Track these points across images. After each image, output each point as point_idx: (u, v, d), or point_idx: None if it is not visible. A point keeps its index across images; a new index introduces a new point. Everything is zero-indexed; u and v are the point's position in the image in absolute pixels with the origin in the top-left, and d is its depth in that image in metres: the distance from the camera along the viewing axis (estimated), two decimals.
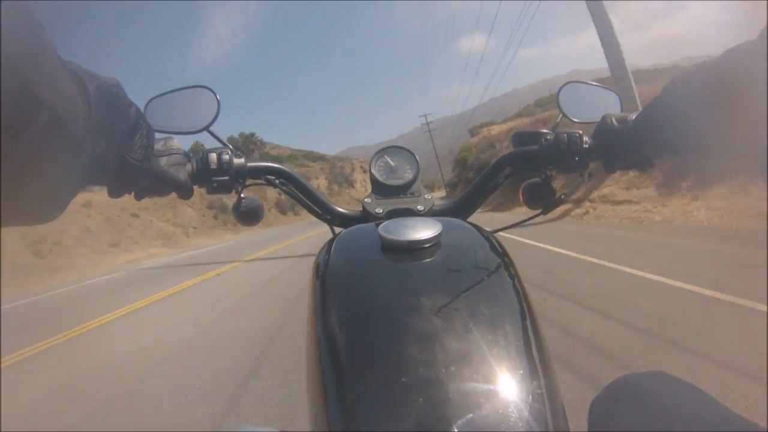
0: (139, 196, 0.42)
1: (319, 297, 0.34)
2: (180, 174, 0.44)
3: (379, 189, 0.54)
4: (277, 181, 0.54)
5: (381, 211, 0.51)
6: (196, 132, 0.51)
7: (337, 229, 0.49)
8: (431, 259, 0.34)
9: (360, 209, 0.54)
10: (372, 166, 0.56)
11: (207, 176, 0.48)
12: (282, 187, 0.55)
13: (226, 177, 0.48)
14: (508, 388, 0.24)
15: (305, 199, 0.56)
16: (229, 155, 0.49)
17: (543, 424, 0.23)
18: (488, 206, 13.17)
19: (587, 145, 0.50)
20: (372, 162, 0.56)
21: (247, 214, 0.53)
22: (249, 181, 0.52)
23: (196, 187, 0.48)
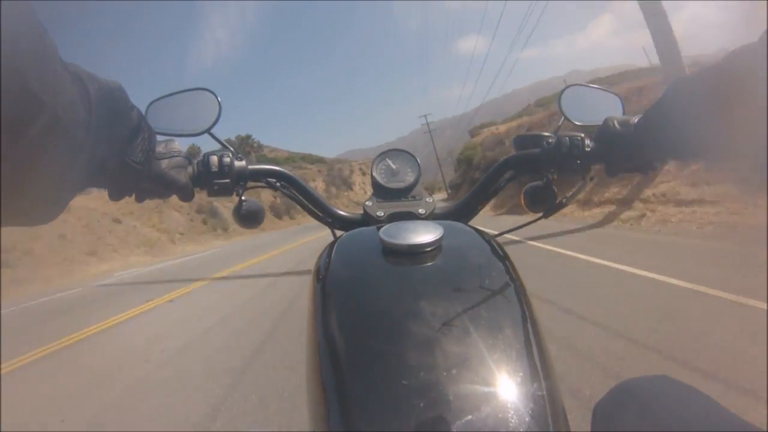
0: (140, 199, 0.43)
1: (320, 300, 0.34)
2: (181, 176, 0.45)
3: (381, 192, 0.54)
4: (278, 184, 0.55)
5: (382, 215, 0.51)
6: (198, 134, 0.51)
7: (338, 232, 0.50)
8: (432, 263, 0.34)
9: (361, 212, 0.54)
10: (373, 169, 0.56)
11: (208, 179, 0.48)
12: (283, 190, 0.55)
13: (227, 179, 0.49)
14: (509, 392, 0.24)
15: (306, 202, 0.56)
16: (230, 158, 0.49)
17: (544, 428, 0.23)
18: (502, 209, 12.02)
19: (589, 148, 0.51)
20: (373, 165, 0.57)
21: (248, 217, 0.53)
22: (250, 184, 0.53)
23: (197, 190, 0.48)
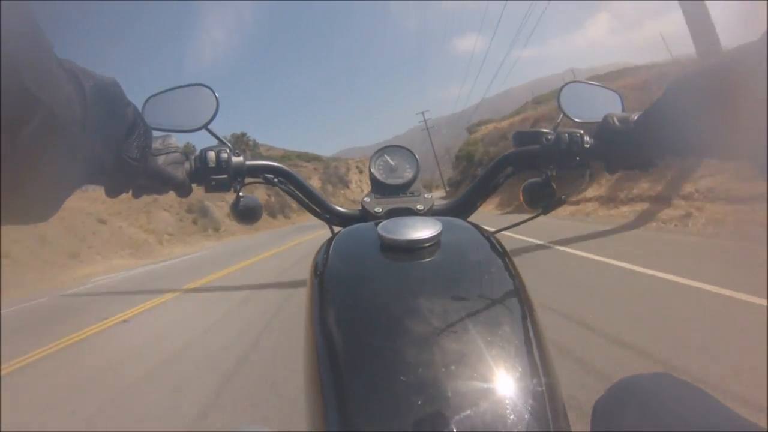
0: (137, 195, 0.42)
1: (317, 296, 0.34)
2: (178, 172, 0.44)
3: (379, 188, 0.54)
4: (276, 180, 0.54)
5: (380, 211, 0.51)
6: (195, 130, 0.51)
7: (336, 229, 0.49)
8: (431, 259, 0.34)
9: (359, 208, 0.54)
10: (372, 166, 0.56)
11: (205, 174, 0.48)
12: (281, 186, 0.54)
13: (225, 175, 0.48)
14: (508, 388, 0.24)
15: (304, 198, 0.56)
16: (228, 153, 0.49)
17: (543, 424, 0.23)
18: (509, 207, 11.39)
19: (588, 145, 0.51)
20: (372, 161, 0.56)
21: (246, 213, 0.53)
22: (247, 180, 0.52)
23: (194, 186, 0.48)
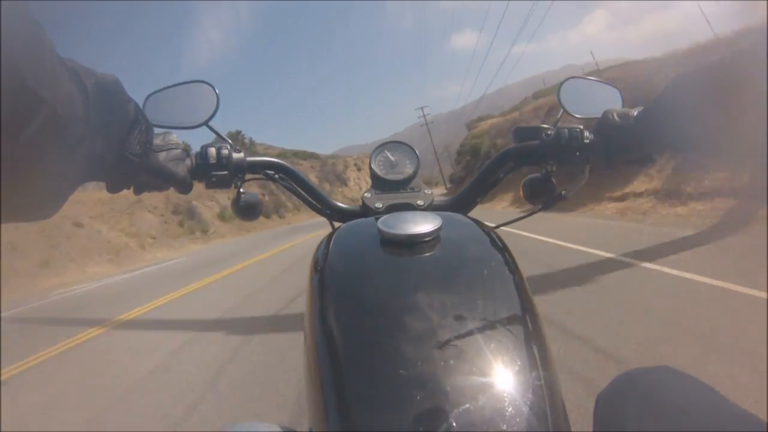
0: (138, 192, 0.42)
1: (318, 292, 0.34)
2: (179, 169, 0.44)
3: (379, 184, 0.54)
4: (277, 176, 0.54)
5: (381, 206, 0.51)
6: (196, 127, 0.51)
7: (337, 224, 0.50)
8: (431, 254, 0.34)
9: (359, 204, 0.54)
10: (372, 161, 0.56)
11: (206, 171, 0.48)
12: (281, 182, 0.55)
13: (225, 172, 0.49)
14: (508, 385, 0.24)
15: (305, 195, 0.56)
16: (228, 150, 0.49)
17: (543, 421, 0.23)
18: (522, 205, 10.45)
19: (588, 141, 0.51)
20: (372, 157, 0.56)
21: (246, 210, 0.53)
22: (248, 176, 0.53)
23: (195, 183, 0.49)
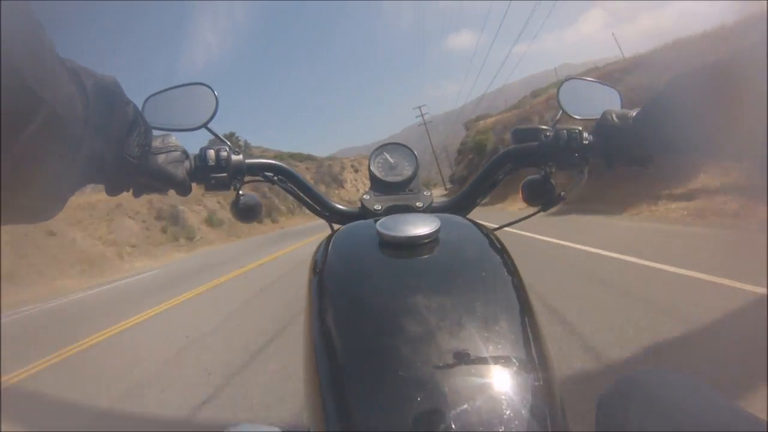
0: (137, 194, 0.43)
1: (316, 294, 0.34)
2: (178, 171, 0.45)
3: (378, 186, 0.54)
4: (276, 178, 0.54)
5: (380, 208, 0.51)
6: (195, 129, 0.51)
7: (336, 226, 0.50)
8: (429, 256, 0.34)
9: (359, 206, 0.54)
10: (371, 163, 0.56)
11: (205, 173, 0.48)
12: (280, 184, 0.55)
13: (224, 174, 0.49)
14: (507, 385, 0.24)
15: (304, 197, 0.56)
16: (227, 152, 0.49)
17: (542, 422, 0.24)
18: None
19: (587, 142, 0.51)
20: (371, 159, 0.56)
21: (245, 212, 0.53)
22: (247, 178, 0.53)
23: (194, 185, 0.49)
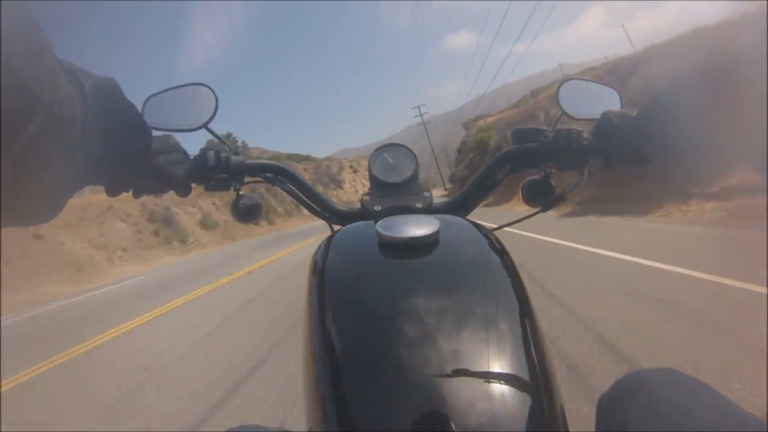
0: (138, 195, 0.43)
1: (316, 294, 0.34)
2: (178, 172, 0.44)
3: (378, 186, 0.54)
4: (276, 179, 0.54)
5: (380, 209, 0.51)
6: (194, 130, 0.51)
7: (336, 227, 0.50)
8: (429, 256, 0.34)
9: (359, 207, 0.54)
10: (371, 164, 0.56)
11: (205, 174, 0.48)
12: (280, 185, 0.55)
13: (224, 174, 0.49)
14: (507, 387, 0.24)
15: (304, 197, 0.56)
16: (227, 153, 0.49)
17: (542, 422, 0.24)
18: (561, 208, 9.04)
19: (587, 142, 0.51)
20: (371, 159, 0.56)
21: (246, 212, 0.53)
22: (247, 179, 0.53)
23: (194, 185, 0.49)
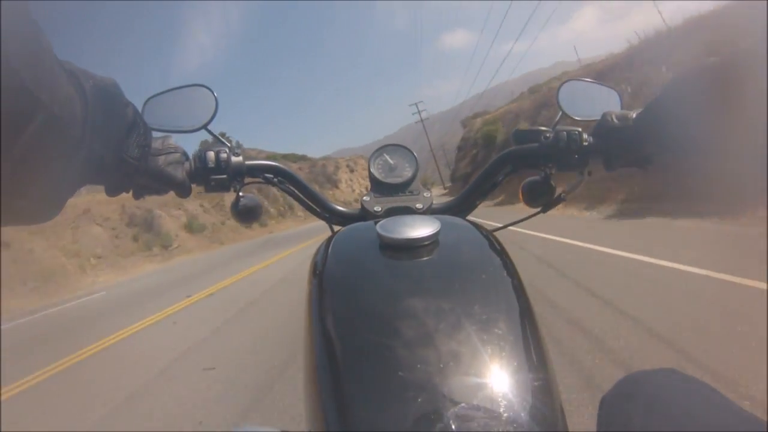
0: (138, 195, 0.43)
1: (316, 295, 0.35)
2: (178, 172, 0.45)
3: (378, 187, 0.54)
4: (276, 180, 0.55)
5: (380, 210, 0.51)
6: (194, 131, 0.51)
7: (336, 228, 0.50)
8: (429, 258, 0.34)
9: (359, 208, 0.55)
10: (371, 165, 0.56)
11: (205, 175, 0.48)
12: (280, 186, 0.55)
13: (224, 175, 0.49)
14: (506, 387, 0.25)
15: (304, 198, 0.56)
16: (227, 153, 0.50)
17: (542, 423, 0.24)
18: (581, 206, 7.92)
19: (587, 143, 0.51)
20: (371, 160, 0.56)
21: (246, 213, 0.54)
22: (247, 180, 0.53)
23: (194, 186, 0.49)
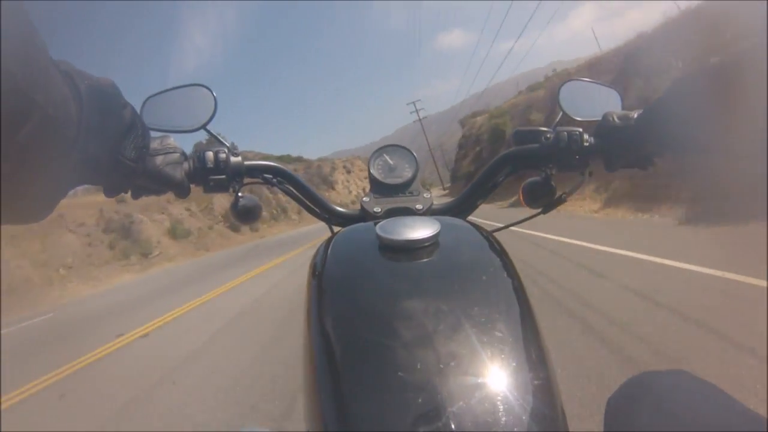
0: (136, 196, 0.43)
1: (315, 296, 0.35)
2: (177, 173, 0.44)
3: (378, 188, 0.54)
4: (275, 180, 0.55)
5: (379, 210, 0.51)
6: (193, 131, 0.51)
7: (336, 229, 0.50)
8: (429, 259, 0.34)
9: (359, 208, 0.55)
10: (371, 165, 0.56)
11: (204, 175, 0.48)
12: (280, 186, 0.55)
13: (223, 176, 0.49)
14: (506, 387, 0.25)
15: (304, 199, 0.56)
16: (226, 154, 0.50)
17: (541, 423, 0.24)
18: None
19: (588, 144, 0.51)
20: (371, 161, 0.57)
21: (245, 213, 0.54)
22: (246, 180, 0.53)
23: (193, 186, 0.49)
